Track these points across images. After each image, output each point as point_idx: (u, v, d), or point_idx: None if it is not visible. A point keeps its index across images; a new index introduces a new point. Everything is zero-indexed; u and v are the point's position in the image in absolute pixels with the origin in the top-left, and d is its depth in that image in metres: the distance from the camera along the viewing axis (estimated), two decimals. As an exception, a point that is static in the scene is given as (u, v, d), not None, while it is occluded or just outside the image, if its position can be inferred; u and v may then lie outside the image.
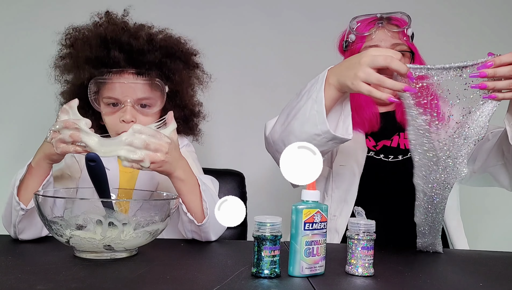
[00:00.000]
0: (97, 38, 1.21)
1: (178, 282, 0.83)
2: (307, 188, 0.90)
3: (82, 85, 1.23)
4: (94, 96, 1.23)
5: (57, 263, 0.92)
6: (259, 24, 2.01)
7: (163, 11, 1.74)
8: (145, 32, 1.26)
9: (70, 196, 1.13)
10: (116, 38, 1.21)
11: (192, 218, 1.12)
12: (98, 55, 1.21)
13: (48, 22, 1.83)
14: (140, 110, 1.23)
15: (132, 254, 1.00)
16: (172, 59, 1.26)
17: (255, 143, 2.00)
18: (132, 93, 1.21)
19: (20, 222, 1.08)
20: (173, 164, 1.05)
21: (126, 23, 1.26)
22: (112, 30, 1.22)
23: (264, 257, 0.85)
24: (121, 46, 1.21)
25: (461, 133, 1.02)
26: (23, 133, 1.88)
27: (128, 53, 1.21)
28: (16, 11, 1.90)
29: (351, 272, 0.91)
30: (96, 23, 1.27)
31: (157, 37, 1.26)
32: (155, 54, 1.23)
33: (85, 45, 1.21)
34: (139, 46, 1.21)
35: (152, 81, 1.22)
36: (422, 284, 0.89)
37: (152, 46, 1.24)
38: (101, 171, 1.01)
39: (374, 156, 1.43)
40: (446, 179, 1.05)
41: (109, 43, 1.21)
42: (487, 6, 2.13)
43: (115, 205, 1.02)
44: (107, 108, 1.24)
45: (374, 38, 1.42)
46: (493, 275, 1.00)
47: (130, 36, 1.22)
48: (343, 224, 1.39)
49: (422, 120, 1.04)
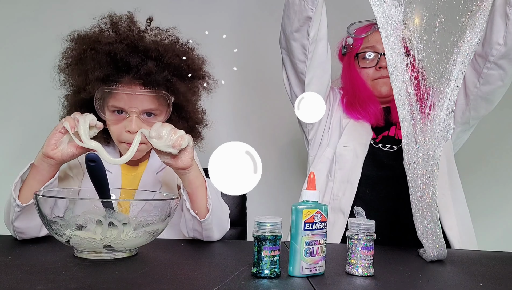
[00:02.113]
0: (107, 56, 1.20)
1: (178, 282, 0.83)
2: (307, 188, 0.90)
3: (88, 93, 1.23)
4: (99, 103, 1.22)
5: (57, 263, 0.92)
6: (260, 24, 2.01)
7: (163, 12, 1.73)
8: (154, 47, 1.23)
9: (71, 196, 1.13)
10: (125, 60, 1.20)
11: (195, 214, 1.12)
12: (106, 73, 1.20)
13: (50, 22, 1.85)
14: (146, 119, 1.23)
15: (132, 254, 1.00)
16: (178, 78, 1.26)
17: (255, 143, 2.00)
18: (138, 104, 1.21)
19: (16, 219, 1.08)
20: (192, 157, 1.09)
21: (134, 38, 1.24)
22: (121, 50, 1.20)
23: (264, 257, 0.85)
24: (130, 68, 1.20)
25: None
26: (23, 133, 1.88)
27: (136, 73, 1.20)
28: (17, 11, 1.90)
29: (351, 272, 0.91)
30: (102, 30, 1.25)
31: (166, 55, 1.24)
32: (163, 74, 1.22)
33: (95, 62, 1.20)
34: (147, 69, 1.20)
35: (158, 93, 1.21)
36: (422, 284, 0.89)
37: (160, 66, 1.23)
38: (101, 172, 1.01)
39: (373, 144, 1.51)
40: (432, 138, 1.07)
41: (118, 62, 1.20)
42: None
43: (115, 205, 1.02)
44: (112, 116, 1.23)
45: (370, 40, 1.53)
46: (493, 275, 1.00)
47: (140, 58, 1.21)
48: (348, 204, 1.44)
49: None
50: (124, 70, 1.20)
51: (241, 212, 1.65)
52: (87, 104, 1.24)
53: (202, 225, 1.14)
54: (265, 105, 2.01)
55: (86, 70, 1.21)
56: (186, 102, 1.28)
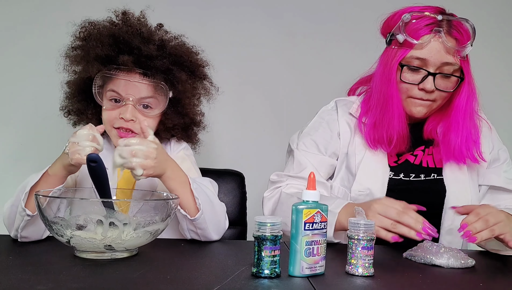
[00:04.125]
0: (110, 37, 1.22)
1: (178, 282, 0.83)
2: (307, 188, 0.90)
3: (89, 78, 1.24)
4: (98, 90, 1.24)
5: (57, 263, 0.92)
6: (260, 25, 2.00)
7: (164, 11, 1.74)
8: (158, 36, 1.27)
9: (71, 196, 1.14)
10: (128, 41, 1.22)
11: (185, 213, 1.13)
12: (108, 54, 1.21)
13: (50, 22, 1.84)
14: (141, 110, 1.24)
15: (133, 254, 1.00)
16: (179, 67, 1.27)
17: (255, 144, 2.01)
18: (135, 92, 1.22)
19: (24, 227, 1.09)
20: (162, 166, 1.11)
21: (141, 25, 1.26)
22: (125, 32, 1.22)
23: (265, 257, 0.85)
24: (131, 49, 1.22)
25: None
26: (23, 133, 1.88)
27: (137, 56, 1.22)
28: (17, 11, 1.90)
29: (351, 272, 0.92)
30: (112, 21, 1.27)
31: (169, 44, 1.27)
32: (163, 61, 1.23)
33: (97, 41, 1.22)
34: (148, 52, 1.21)
35: (157, 83, 1.22)
36: (422, 284, 0.89)
37: (162, 52, 1.24)
38: (102, 172, 1.02)
39: (394, 177, 1.33)
40: None
41: (120, 44, 1.22)
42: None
43: (115, 205, 1.02)
44: (109, 103, 1.24)
45: (425, 48, 1.23)
46: (493, 275, 1.01)
47: (142, 40, 1.23)
48: None
49: None
50: (126, 52, 1.21)
51: (241, 212, 1.65)
52: (86, 91, 1.26)
53: (194, 224, 1.14)
54: (266, 105, 2.01)
55: (88, 49, 1.23)
56: (184, 96, 1.29)
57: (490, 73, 1.93)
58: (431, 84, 1.24)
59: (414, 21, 1.24)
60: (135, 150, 1.05)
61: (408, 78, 1.27)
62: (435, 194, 1.32)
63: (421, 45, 1.23)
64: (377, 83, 1.31)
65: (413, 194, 1.30)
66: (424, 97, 1.27)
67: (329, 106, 1.44)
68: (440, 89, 1.26)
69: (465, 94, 1.29)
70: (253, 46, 2.00)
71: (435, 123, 1.34)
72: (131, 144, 1.06)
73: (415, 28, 1.23)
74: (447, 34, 1.23)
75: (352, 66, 1.42)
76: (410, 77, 1.27)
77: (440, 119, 1.34)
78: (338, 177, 1.37)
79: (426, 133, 1.35)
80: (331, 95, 1.49)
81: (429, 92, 1.25)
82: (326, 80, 1.98)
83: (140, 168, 1.06)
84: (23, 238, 1.11)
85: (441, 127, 1.33)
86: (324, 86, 1.97)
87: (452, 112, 1.30)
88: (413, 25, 1.24)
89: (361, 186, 1.31)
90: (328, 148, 1.37)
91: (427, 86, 1.24)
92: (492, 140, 1.40)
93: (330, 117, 1.40)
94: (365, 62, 1.41)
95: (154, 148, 1.08)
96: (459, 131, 1.29)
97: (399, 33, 1.25)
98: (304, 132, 1.42)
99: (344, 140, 1.37)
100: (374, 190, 1.30)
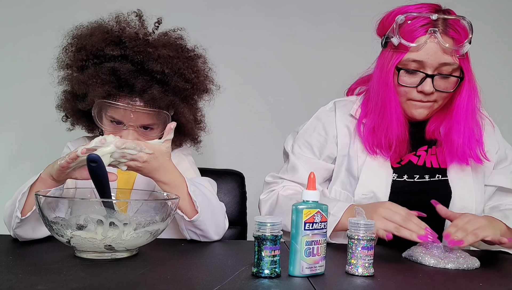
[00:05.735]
0: (110, 75, 1.18)
1: (178, 282, 0.83)
2: (307, 188, 0.90)
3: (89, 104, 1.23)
4: (97, 113, 1.22)
5: (58, 263, 0.92)
6: (260, 25, 2.01)
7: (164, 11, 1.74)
8: (160, 73, 1.21)
9: (71, 196, 1.13)
10: (130, 82, 1.19)
11: (182, 214, 1.13)
12: (108, 92, 1.19)
13: (50, 22, 1.84)
14: (142, 132, 1.23)
15: (133, 254, 1.00)
16: (183, 100, 1.26)
17: (255, 143, 2.01)
18: (137, 119, 1.21)
19: (17, 228, 1.09)
20: (152, 170, 1.11)
21: (143, 55, 1.20)
22: (126, 69, 1.18)
23: (265, 257, 0.86)
24: (133, 90, 1.19)
25: None
26: (23, 133, 1.88)
27: (140, 95, 1.20)
28: (16, 12, 1.90)
29: (351, 272, 0.92)
30: (108, 36, 1.22)
31: (173, 79, 1.22)
32: (168, 99, 1.21)
33: (97, 79, 1.19)
34: (152, 96, 1.19)
35: (159, 112, 1.22)
36: (422, 284, 0.89)
37: (166, 91, 1.21)
38: (102, 172, 1.01)
39: (398, 179, 1.31)
40: None
41: (122, 82, 1.19)
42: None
43: (115, 205, 1.02)
44: (109, 126, 1.23)
45: (421, 50, 1.20)
46: (493, 275, 1.01)
47: (145, 80, 1.19)
48: None
49: None
50: (127, 90, 1.19)
51: (241, 212, 1.65)
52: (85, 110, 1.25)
53: (193, 224, 1.14)
54: (266, 105, 2.01)
55: (87, 83, 1.20)
56: (186, 121, 1.29)
57: (492, 70, 1.94)
58: (429, 86, 1.22)
59: (408, 22, 1.21)
60: (125, 153, 1.06)
61: (406, 81, 1.24)
62: (440, 196, 1.29)
63: (417, 47, 1.20)
64: (375, 86, 1.30)
65: (417, 196, 1.29)
66: (423, 99, 1.25)
67: (327, 107, 1.43)
68: (440, 90, 1.24)
69: (466, 93, 1.27)
70: (253, 46, 2.00)
71: (437, 123, 1.33)
72: (126, 147, 1.06)
73: (410, 30, 1.20)
74: (443, 34, 1.20)
75: (352, 66, 1.41)
76: (408, 80, 1.24)
77: (442, 119, 1.32)
78: (338, 180, 1.35)
79: (428, 133, 1.33)
80: (331, 95, 1.48)
81: (428, 94, 1.24)
82: (326, 80, 1.99)
83: (124, 166, 1.08)
84: (18, 236, 1.11)
85: (443, 127, 1.32)
86: (324, 86, 1.97)
87: (454, 111, 1.29)
88: (407, 26, 1.21)
89: (365, 189, 1.29)
90: (323, 152, 1.37)
91: (425, 88, 1.22)
92: (497, 139, 1.39)
93: (327, 118, 1.39)
94: (365, 62, 1.40)
95: (147, 154, 1.08)
96: (461, 131, 1.28)
97: (393, 36, 1.22)
98: (300, 134, 1.41)
99: (341, 143, 1.35)
100: (378, 193, 1.28)
